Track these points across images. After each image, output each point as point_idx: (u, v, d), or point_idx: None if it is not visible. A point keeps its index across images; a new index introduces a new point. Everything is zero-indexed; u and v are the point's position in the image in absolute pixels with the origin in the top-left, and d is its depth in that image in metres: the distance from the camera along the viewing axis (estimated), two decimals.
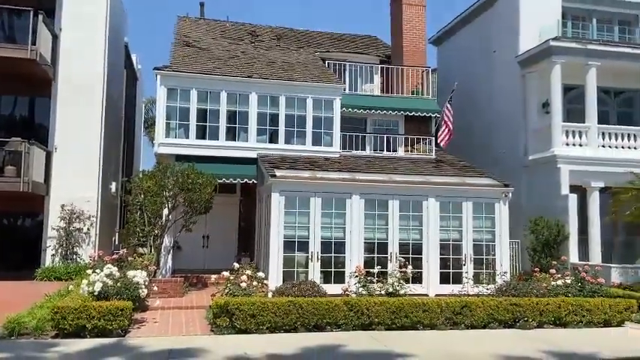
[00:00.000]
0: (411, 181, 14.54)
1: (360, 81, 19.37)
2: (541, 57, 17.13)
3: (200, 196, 13.74)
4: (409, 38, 19.24)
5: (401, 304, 10.70)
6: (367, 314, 10.51)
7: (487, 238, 14.51)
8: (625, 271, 14.62)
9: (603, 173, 16.17)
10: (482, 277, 13.92)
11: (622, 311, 11.56)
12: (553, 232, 15.65)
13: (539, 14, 17.97)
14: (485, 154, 19.11)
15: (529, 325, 10.97)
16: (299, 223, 13.42)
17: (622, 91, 18.66)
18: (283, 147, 15.80)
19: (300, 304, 10.23)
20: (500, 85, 19.22)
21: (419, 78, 18.93)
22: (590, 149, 16.58)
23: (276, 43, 20.10)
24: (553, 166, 16.29)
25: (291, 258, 13.23)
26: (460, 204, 14.42)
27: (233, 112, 15.62)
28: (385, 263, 13.51)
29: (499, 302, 11.13)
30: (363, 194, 13.86)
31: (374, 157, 16.89)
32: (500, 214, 14.51)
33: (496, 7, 19.65)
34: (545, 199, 16.44)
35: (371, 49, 21.07)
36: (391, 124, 18.70)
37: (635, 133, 17.03)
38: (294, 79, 16.24)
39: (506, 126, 18.76)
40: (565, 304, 11.35)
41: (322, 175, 14.04)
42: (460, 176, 15.41)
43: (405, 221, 14.12)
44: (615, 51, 17.04)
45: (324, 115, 16.24)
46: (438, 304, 10.87)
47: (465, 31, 21.79)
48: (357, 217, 13.70)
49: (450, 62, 22.53)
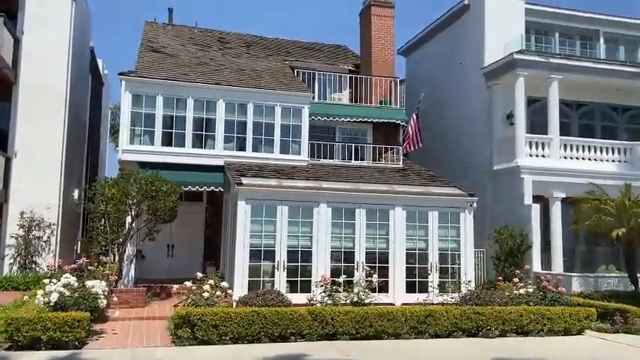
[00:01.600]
0: (378, 190, 14.61)
1: (330, 90, 19.46)
2: (505, 70, 17.50)
3: (164, 204, 13.49)
4: (378, 49, 19.42)
5: (366, 313, 10.68)
6: (332, 324, 10.45)
7: (452, 247, 14.67)
8: (586, 280, 14.95)
9: (565, 184, 16.55)
10: (448, 286, 14.04)
11: (582, 320, 11.79)
12: (517, 241, 15.90)
13: (504, 28, 18.38)
14: (453, 164, 19.37)
15: (492, 333, 11.08)
16: (265, 232, 13.32)
17: (583, 103, 19.19)
18: (251, 155, 15.68)
19: (264, 314, 10.11)
20: (466, 96, 19.54)
21: (387, 88, 19.10)
22: (552, 160, 16.96)
23: (245, 51, 20.02)
24: (517, 176, 16.60)
25: (257, 267, 13.10)
26: (426, 213, 14.56)
27: (200, 119, 15.43)
28: (352, 272, 13.51)
29: (463, 311, 11.22)
30: (330, 203, 13.86)
31: (342, 166, 16.91)
32: (465, 224, 14.70)
33: (463, 20, 20.02)
34: (510, 209, 16.73)
35: (340, 58, 21.18)
36: (360, 133, 18.79)
37: (595, 145, 17.51)
38: (263, 86, 16.17)
39: (473, 136, 19.07)
40: (527, 312, 11.51)
41: (289, 184, 13.97)
42: (426, 185, 15.55)
43: (371, 230, 14.17)
44: (576, 65, 17.53)
45: (293, 123, 16.19)
46: (402, 314, 10.89)
47: (432, 43, 22.12)
48: (323, 225, 13.68)
49: (419, 73, 22.82)
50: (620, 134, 19.27)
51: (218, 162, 15.26)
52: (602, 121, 19.37)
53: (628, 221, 13.47)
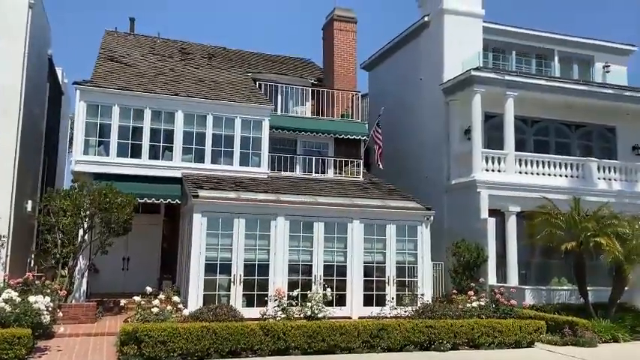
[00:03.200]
0: (336, 203, 14.67)
1: (292, 103, 19.50)
2: (463, 86, 17.87)
3: (118, 217, 13.23)
4: (340, 63, 19.61)
5: (318, 327, 10.64)
6: (284, 339, 10.36)
7: (410, 260, 14.83)
8: (538, 293, 15.25)
9: (520, 198, 16.91)
10: (405, 299, 14.15)
11: (532, 332, 12.00)
12: (473, 254, 16.12)
13: (462, 45, 18.80)
14: (412, 178, 19.58)
15: (443, 347, 11.17)
16: (222, 245, 13.22)
17: (538, 120, 19.72)
18: (209, 167, 15.54)
19: (214, 329, 9.95)
20: (426, 111, 19.86)
21: (349, 102, 19.26)
22: (508, 175, 17.32)
23: (207, 62, 19.92)
24: (473, 190, 16.89)
25: (213, 281, 12.97)
26: (384, 226, 14.71)
27: (158, 130, 15.24)
28: (310, 286, 13.49)
29: (415, 324, 11.28)
30: (288, 216, 13.87)
31: (302, 179, 16.93)
32: (422, 237, 14.89)
33: (423, 37, 20.40)
34: (467, 223, 16.98)
35: (304, 71, 21.27)
36: (321, 147, 18.83)
37: (549, 161, 17.97)
38: (223, 98, 16.10)
39: (431, 151, 19.35)
40: (478, 325, 11.65)
41: (247, 196, 13.90)
42: (385, 199, 15.69)
43: (330, 243, 14.23)
44: (531, 82, 18.03)
45: (253, 135, 16.15)
46: (355, 327, 10.88)
47: (394, 58, 22.45)
48: (281, 238, 13.66)
49: (381, 87, 23.10)
50: (573, 150, 19.84)
51: (176, 174, 15.08)
52: (556, 138, 19.92)
53: (577, 235, 13.83)
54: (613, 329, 12.85)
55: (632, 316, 13.96)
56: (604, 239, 13.21)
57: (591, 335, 12.21)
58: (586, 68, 21.76)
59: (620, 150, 20.43)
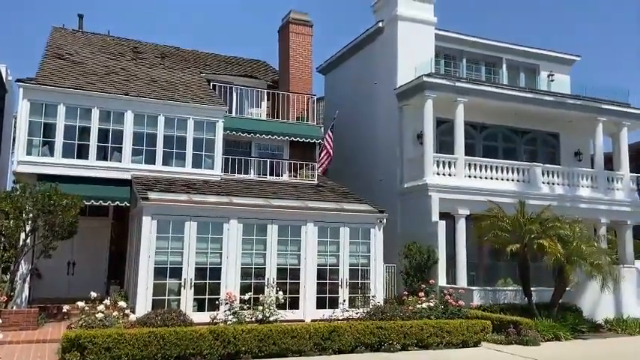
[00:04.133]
0: (290, 205, 14.66)
1: (247, 105, 19.36)
2: (415, 91, 18.23)
3: (63, 219, 12.78)
4: (296, 66, 19.64)
5: (269, 331, 10.60)
6: (234, 343, 10.26)
7: (363, 263, 14.97)
8: (486, 294, 15.70)
9: (469, 201, 17.36)
10: (358, 301, 14.27)
11: (478, 332, 12.35)
12: (424, 256, 16.44)
13: (415, 51, 19.18)
14: (366, 181, 19.81)
15: (393, 347, 11.34)
16: (172, 249, 12.96)
17: (487, 126, 20.34)
18: (160, 168, 15.24)
19: (162, 334, 9.76)
20: (380, 115, 20.14)
21: (305, 105, 19.31)
22: (458, 179, 17.76)
23: (160, 62, 19.55)
24: (425, 194, 17.23)
25: (163, 285, 12.69)
26: (338, 229, 14.78)
27: (106, 131, 14.83)
28: (263, 289, 13.42)
29: (366, 326, 11.40)
30: (241, 219, 13.74)
31: (256, 182, 16.83)
32: (375, 239, 15.05)
33: (377, 42, 20.70)
34: (418, 225, 17.31)
35: (259, 73, 21.20)
36: (276, 149, 18.80)
37: (497, 165, 18.54)
38: (175, 99, 15.83)
39: (385, 154, 19.63)
40: (427, 326, 11.89)
41: (199, 199, 13.70)
42: (339, 202, 15.79)
43: (283, 246, 14.19)
44: (480, 89, 18.59)
45: (206, 137, 15.95)
46: (306, 330, 10.90)
47: (349, 63, 22.67)
48: (234, 242, 13.52)
49: (336, 91, 23.27)
50: (520, 155, 20.57)
51: (125, 175, 14.70)
52: (503, 143, 20.61)
53: (522, 237, 14.33)
54: (555, 328, 13.37)
55: (573, 316, 14.58)
56: (546, 241, 13.73)
57: (534, 334, 12.66)
58: (532, 76, 22.62)
59: (563, 155, 21.36)
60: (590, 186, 19.59)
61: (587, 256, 14.16)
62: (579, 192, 19.32)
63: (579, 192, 19.32)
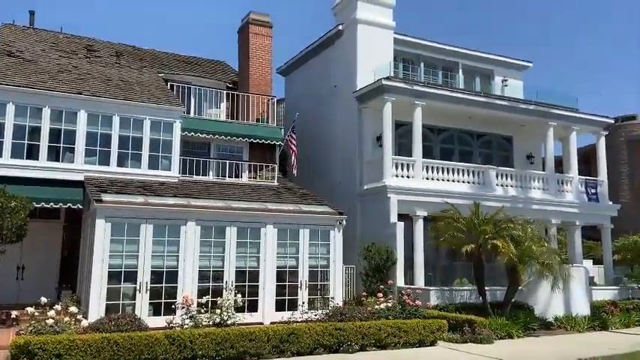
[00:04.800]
0: (249, 207, 14.57)
1: (206, 105, 19.12)
2: (374, 94, 18.44)
3: (11, 222, 12.27)
4: (256, 67, 19.54)
5: (227, 334, 10.49)
6: (191, 347, 10.10)
7: (322, 264, 15.02)
8: (442, 294, 15.99)
9: (427, 203, 17.66)
10: (317, 303, 14.30)
11: (434, 331, 12.56)
12: (383, 257, 16.60)
13: (375, 54, 19.42)
14: (326, 183, 19.89)
15: (352, 348, 11.40)
16: (127, 252, 12.68)
17: (444, 129, 20.77)
18: (115, 170, 14.86)
19: (115, 340, 9.51)
20: (340, 117, 20.27)
21: (265, 106, 19.22)
22: (416, 181, 18.05)
23: (115, 60, 19.07)
24: (384, 195, 17.43)
25: (117, 289, 12.39)
26: (298, 231, 14.79)
27: (58, 131, 14.36)
28: (221, 292, 13.27)
29: (325, 328, 11.43)
30: (199, 221, 13.57)
31: (215, 183, 16.64)
32: (334, 241, 15.13)
33: (337, 45, 20.83)
34: (377, 227, 17.50)
35: (218, 74, 20.99)
36: (236, 150, 18.63)
37: (453, 168, 18.95)
38: (131, 98, 15.47)
39: (345, 157, 19.77)
40: (385, 326, 12.02)
41: (155, 201, 13.43)
42: (299, 204, 15.80)
43: (242, 249, 14.10)
44: (437, 93, 18.97)
45: (163, 137, 15.65)
46: (265, 333, 10.84)
47: (310, 65, 22.72)
48: (191, 244, 13.33)
49: (297, 92, 23.27)
50: (475, 158, 21.10)
51: (77, 177, 14.27)
52: (460, 146, 21.10)
53: (477, 238, 14.68)
54: (508, 326, 13.75)
55: (525, 314, 15.02)
56: (500, 242, 14.11)
57: (488, 332, 12.98)
58: (487, 81, 23.26)
59: (516, 158, 22.04)
60: (541, 188, 20.28)
61: (538, 256, 14.62)
62: (531, 194, 19.97)
63: (531, 194, 19.97)
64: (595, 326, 15.87)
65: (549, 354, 11.71)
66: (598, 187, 21.62)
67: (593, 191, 21.28)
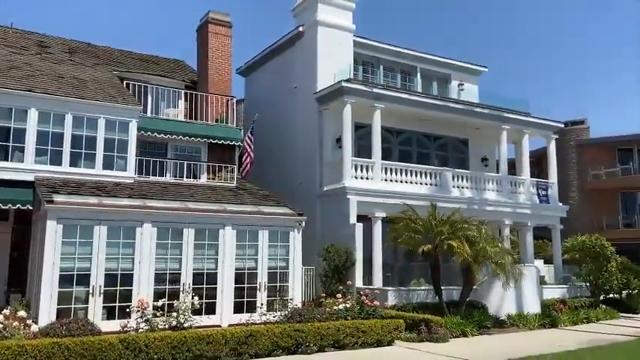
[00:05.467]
0: (208, 209, 14.41)
1: (164, 105, 18.77)
2: (335, 96, 18.56)
3: None
4: (215, 67, 19.31)
5: (183, 337, 10.33)
6: (146, 351, 9.90)
7: (282, 266, 14.99)
8: (400, 294, 16.24)
9: (385, 204, 17.90)
10: (276, 305, 14.26)
11: (392, 331, 12.74)
12: (342, 258, 16.72)
13: (335, 57, 19.56)
14: (287, 184, 19.86)
15: (310, 349, 11.43)
16: (80, 254, 12.32)
17: (403, 131, 21.11)
18: (68, 170, 14.39)
19: (67, 345, 9.23)
20: (300, 119, 20.30)
21: (224, 106, 19.02)
22: (375, 182, 18.28)
23: (69, 57, 18.48)
24: (343, 197, 17.56)
25: (69, 293, 12.02)
26: (257, 233, 14.72)
27: (6, 129, 13.78)
28: (178, 295, 13.06)
29: (283, 329, 11.41)
30: (155, 222, 13.33)
31: (173, 184, 16.35)
32: (294, 242, 15.12)
33: (297, 46, 20.87)
34: (337, 228, 17.60)
35: (176, 73, 20.64)
36: (194, 151, 18.34)
37: (411, 169, 19.29)
38: (85, 97, 15.02)
39: (305, 158, 19.81)
40: (343, 327, 12.10)
41: (110, 202, 13.10)
42: (258, 205, 15.72)
43: (200, 250, 13.93)
44: (396, 96, 19.26)
45: (119, 137, 15.25)
46: (222, 335, 10.74)
47: (270, 65, 22.67)
48: (147, 246, 13.08)
49: (257, 93, 23.16)
50: (432, 160, 21.54)
51: (28, 177, 13.75)
52: (417, 148, 21.51)
53: (433, 239, 14.97)
54: (462, 325, 14.08)
55: (480, 313, 15.42)
56: (455, 242, 14.44)
57: (444, 331, 13.26)
58: (444, 85, 23.78)
59: (472, 161, 22.62)
60: (495, 190, 20.88)
61: (491, 256, 15.03)
62: (486, 195, 20.53)
63: (486, 195, 20.53)
64: (545, 324, 16.44)
65: (499, 352, 12.00)
66: (549, 189, 22.44)
67: (544, 193, 22.07)
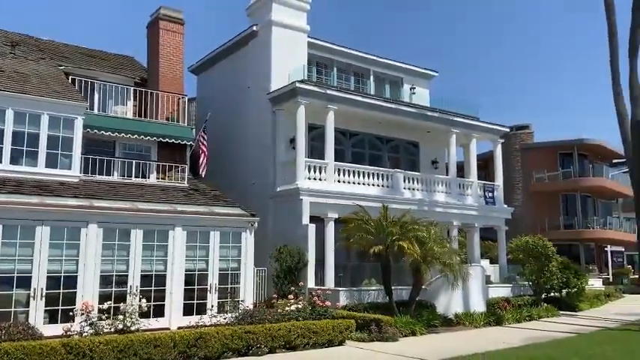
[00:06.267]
0: (158, 209, 14.11)
1: (112, 102, 18.21)
2: (288, 97, 18.54)
3: None
4: (166, 64, 18.90)
5: (130, 341, 10.04)
6: (90, 356, 9.56)
7: (233, 267, 14.87)
8: (351, 294, 16.38)
9: (338, 205, 18.00)
10: (227, 306, 14.12)
11: (343, 331, 12.82)
12: (295, 259, 16.72)
13: (289, 57, 19.55)
14: (239, 185, 19.68)
15: (261, 351, 11.34)
16: (20, 256, 11.86)
17: (356, 133, 21.34)
18: (8, 168, 13.73)
19: (6, 350, 8.81)
20: (253, 119, 20.16)
21: (175, 105, 18.64)
22: (328, 183, 18.37)
23: (10, 51, 17.62)
24: (296, 197, 17.56)
25: (8, 296, 11.56)
26: (208, 233, 14.54)
27: None
28: (125, 297, 12.74)
29: (234, 331, 11.29)
30: (102, 223, 12.97)
31: (121, 184, 15.89)
32: (246, 243, 15.02)
33: (251, 46, 20.72)
34: (290, 229, 17.58)
35: (126, 69, 20.07)
36: (143, 150, 17.86)
37: (363, 171, 19.49)
38: (27, 92, 14.40)
39: (258, 158, 19.68)
40: (295, 327, 12.08)
41: (53, 202, 12.62)
42: (209, 205, 15.52)
43: (149, 252, 13.67)
44: (349, 98, 19.44)
45: (63, 134, 14.67)
46: (171, 338, 10.51)
47: (223, 64, 22.40)
48: (93, 248, 12.70)
49: (210, 92, 22.83)
50: (384, 162, 21.86)
51: None
52: (370, 150, 21.79)
53: (385, 239, 15.19)
54: (412, 324, 14.33)
55: (428, 312, 15.75)
56: (406, 243, 14.70)
57: (394, 331, 13.46)
58: (396, 88, 24.20)
59: (422, 163, 23.12)
60: (444, 192, 21.40)
61: (440, 256, 15.39)
62: (436, 197, 21.02)
63: (436, 197, 21.02)
64: (491, 322, 16.95)
65: (445, 350, 12.23)
66: (495, 191, 23.21)
67: (491, 195, 22.82)
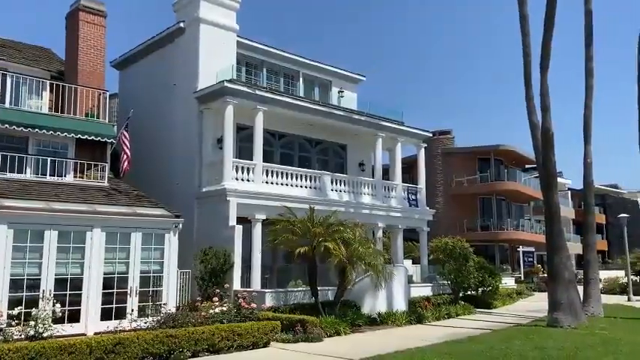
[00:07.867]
0: (75, 210, 13.50)
1: (25, 96, 17.12)
2: (216, 96, 18.25)
3: None
4: (86, 57, 18.01)
5: (42, 348, 9.50)
6: None
7: (155, 270, 14.49)
8: (277, 295, 16.38)
9: (266, 206, 17.95)
10: (148, 310, 13.69)
11: (268, 332, 12.79)
12: (220, 261, 16.48)
13: (217, 56, 19.25)
14: (163, 185, 19.11)
15: (183, 355, 11.08)
16: None
17: (285, 134, 21.37)
18: None
19: None
20: (178, 117, 19.67)
21: (95, 100, 17.81)
22: (256, 184, 18.25)
23: None
24: (223, 198, 17.30)
25: None
26: (129, 235, 14.08)
27: None
28: (37, 302, 12.05)
29: (155, 335, 10.96)
30: (12, 224, 12.28)
31: (35, 182, 15.01)
32: (169, 245, 14.69)
33: (178, 43, 20.21)
34: (215, 230, 17.30)
35: (41, 61, 18.96)
36: (60, 146, 16.91)
37: (292, 173, 19.54)
38: None
39: (183, 158, 19.22)
40: (219, 330, 11.91)
41: None
42: (132, 206, 15.00)
43: (64, 254, 13.07)
44: (278, 99, 19.43)
45: None
46: (87, 344, 10.04)
47: (148, 60, 21.68)
48: (2, 250, 12.03)
49: (133, 88, 22.02)
50: (313, 164, 22.05)
51: None
52: (299, 152, 21.90)
53: (311, 240, 15.33)
54: (336, 324, 14.52)
55: (353, 312, 16.05)
56: (331, 244, 14.90)
57: (319, 331, 13.59)
58: (325, 91, 24.49)
59: (350, 165, 23.55)
60: (370, 194, 21.91)
61: (364, 257, 15.72)
62: (362, 199, 21.47)
63: (362, 199, 21.47)
64: (412, 320, 17.47)
65: (366, 348, 12.49)
66: (418, 193, 24.05)
67: (414, 197, 23.63)
